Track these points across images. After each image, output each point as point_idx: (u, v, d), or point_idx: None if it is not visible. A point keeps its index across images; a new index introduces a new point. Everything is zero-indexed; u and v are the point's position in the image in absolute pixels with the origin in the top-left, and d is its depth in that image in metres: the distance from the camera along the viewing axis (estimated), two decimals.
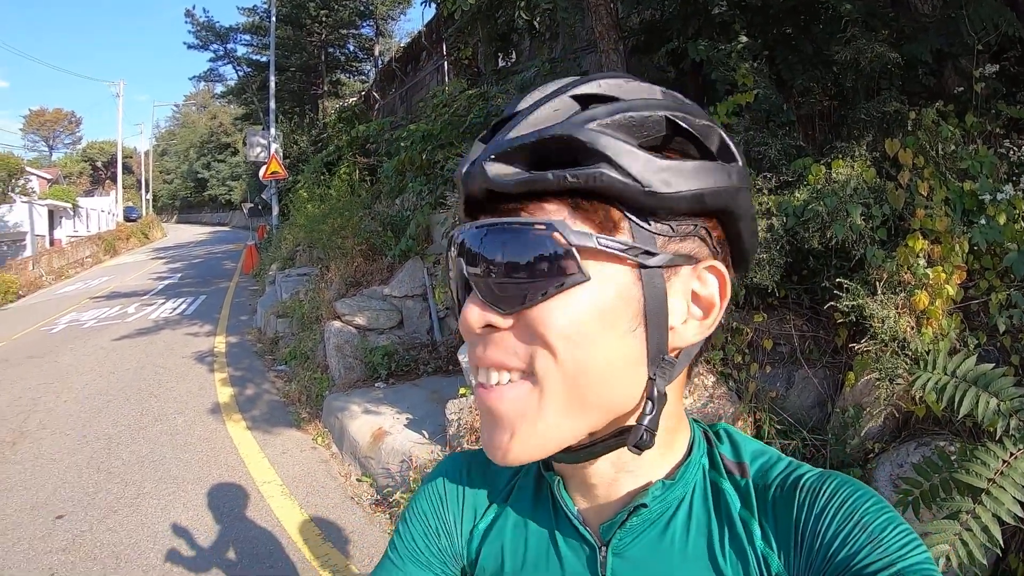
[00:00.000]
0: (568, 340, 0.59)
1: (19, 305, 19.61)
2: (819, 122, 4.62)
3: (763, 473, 0.72)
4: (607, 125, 0.58)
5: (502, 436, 0.61)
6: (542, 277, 0.58)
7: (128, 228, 42.10)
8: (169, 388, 8.25)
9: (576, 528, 0.74)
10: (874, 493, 0.66)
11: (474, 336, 0.63)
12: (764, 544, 0.68)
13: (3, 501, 5.22)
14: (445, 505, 0.85)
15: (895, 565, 0.58)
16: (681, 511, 0.71)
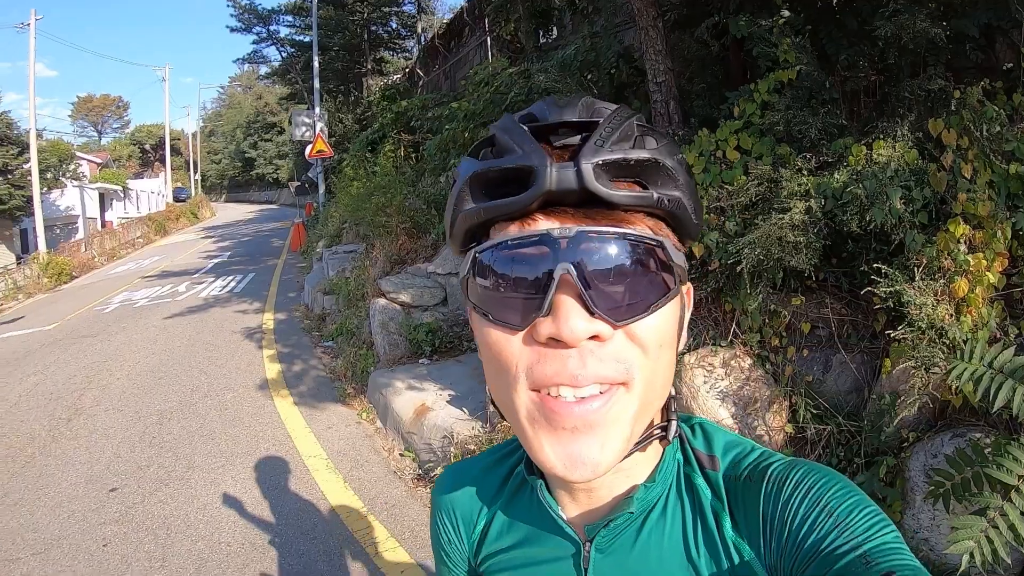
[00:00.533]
0: (661, 347, 0.64)
1: (73, 286, 20.23)
2: (864, 98, 4.52)
3: (734, 465, 0.75)
4: (679, 160, 0.65)
5: (590, 449, 0.61)
6: (652, 289, 0.62)
7: (177, 208, 42.87)
8: (219, 365, 8.48)
9: (562, 528, 0.78)
10: (841, 478, 0.68)
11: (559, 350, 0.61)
12: (735, 534, 0.71)
13: (59, 475, 5.47)
14: (449, 519, 0.93)
15: (862, 547, 0.60)
16: (658, 507, 0.75)
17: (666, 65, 5.03)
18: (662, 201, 0.62)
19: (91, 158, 46.80)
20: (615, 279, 0.60)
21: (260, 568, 3.90)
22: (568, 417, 0.60)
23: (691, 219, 0.66)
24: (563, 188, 0.59)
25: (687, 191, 0.65)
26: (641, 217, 0.63)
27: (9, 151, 28.75)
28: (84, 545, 4.33)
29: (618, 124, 0.63)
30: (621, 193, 0.60)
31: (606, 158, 0.60)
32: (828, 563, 0.61)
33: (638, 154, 0.61)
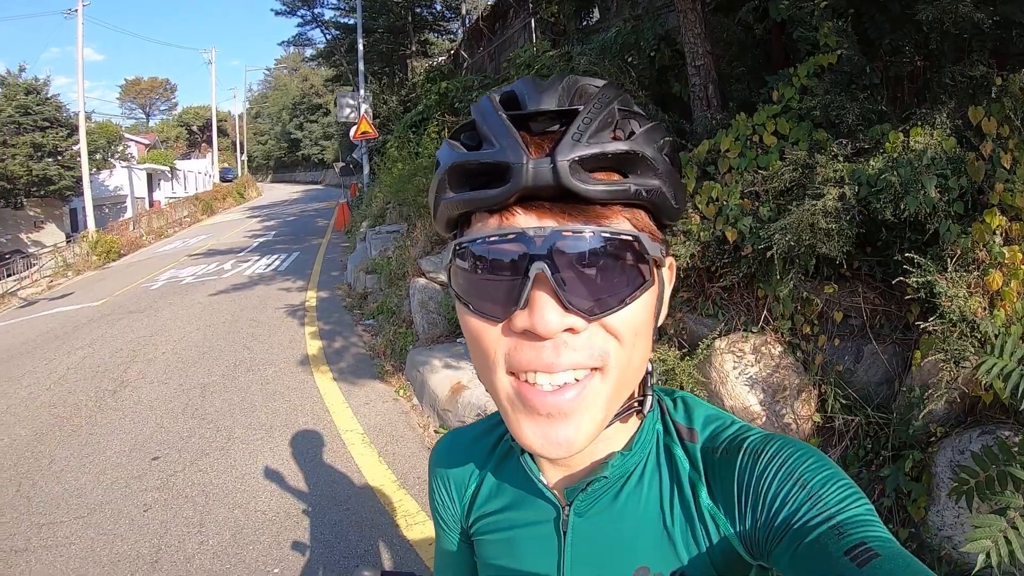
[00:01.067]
0: (636, 335, 0.66)
1: (120, 264, 20.77)
2: (908, 85, 4.44)
3: (713, 437, 0.78)
4: (660, 147, 0.66)
5: (566, 431, 0.64)
6: (628, 284, 0.64)
7: (224, 188, 43.59)
8: (261, 340, 8.67)
9: (542, 492, 0.83)
10: (815, 452, 0.70)
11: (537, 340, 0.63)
12: (711, 503, 0.74)
13: (104, 443, 5.69)
14: (443, 484, 0.99)
15: (834, 518, 0.62)
16: (636, 474, 0.79)
17: (705, 48, 4.99)
18: (640, 192, 0.63)
19: (139, 139, 47.86)
20: (589, 275, 0.62)
21: (293, 536, 4.01)
22: (543, 405, 0.64)
23: (671, 204, 0.67)
24: (539, 184, 0.60)
25: (667, 178, 0.66)
26: (619, 208, 0.64)
27: (59, 133, 29.50)
28: (126, 510, 4.51)
29: (597, 112, 0.63)
30: (597, 188, 0.61)
31: (582, 153, 0.60)
32: (801, 534, 0.63)
33: (616, 147, 0.62)
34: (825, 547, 0.60)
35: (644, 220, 0.67)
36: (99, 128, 36.64)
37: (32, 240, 30.94)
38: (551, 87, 0.67)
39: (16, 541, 4.25)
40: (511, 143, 0.62)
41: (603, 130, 0.63)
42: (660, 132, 0.67)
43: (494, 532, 0.90)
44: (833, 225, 3.28)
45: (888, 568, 0.55)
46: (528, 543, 0.85)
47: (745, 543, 0.71)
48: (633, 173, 0.64)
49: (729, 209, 3.83)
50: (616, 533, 0.78)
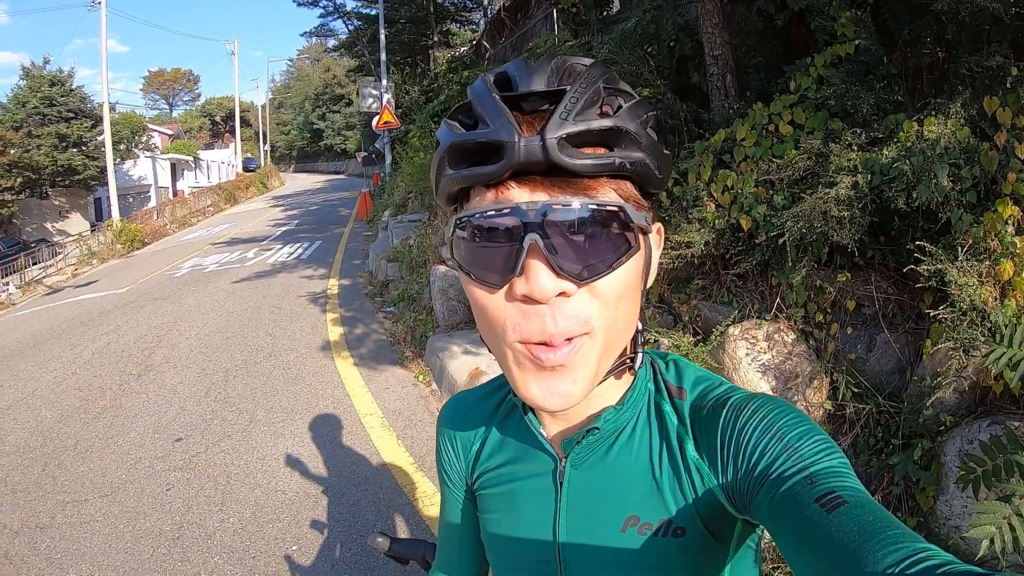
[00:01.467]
0: (621, 299, 0.71)
1: (145, 252, 21.03)
2: (926, 75, 4.43)
3: (701, 396, 0.83)
4: (644, 122, 0.71)
5: (564, 384, 0.70)
6: (612, 251, 0.68)
7: (247, 178, 43.75)
8: (283, 327, 8.78)
9: (542, 444, 0.89)
10: (794, 409, 0.75)
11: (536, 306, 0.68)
12: (696, 456, 0.79)
13: (128, 425, 5.82)
14: (450, 442, 1.05)
15: (807, 469, 0.66)
16: (628, 429, 0.85)
17: (723, 38, 5.00)
18: (624, 164, 0.68)
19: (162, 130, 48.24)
20: (578, 243, 0.67)
21: (312, 515, 4.10)
22: (547, 361, 0.69)
23: (655, 175, 0.71)
24: (530, 160, 0.65)
25: (651, 151, 0.70)
26: (606, 180, 0.69)
27: (83, 124, 29.96)
28: (148, 489, 4.62)
29: (584, 91, 0.67)
30: (585, 162, 0.66)
31: (570, 131, 0.65)
32: (777, 484, 0.67)
33: (601, 124, 0.67)
34: (798, 495, 0.64)
35: (630, 190, 0.71)
36: (123, 119, 37.02)
37: (57, 229, 31.41)
38: (540, 68, 0.70)
39: (41, 518, 4.37)
40: (504, 123, 0.66)
41: (590, 107, 0.67)
42: (644, 108, 0.71)
43: (496, 486, 0.96)
44: (845, 213, 3.30)
45: (855, 514, 0.58)
46: (527, 494, 0.91)
47: (728, 494, 0.75)
48: (618, 147, 0.69)
49: (744, 197, 3.85)
50: (609, 484, 0.84)
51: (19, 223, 30.24)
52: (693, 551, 0.79)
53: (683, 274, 4.40)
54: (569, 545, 0.86)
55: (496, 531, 0.96)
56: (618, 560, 0.82)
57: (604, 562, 0.83)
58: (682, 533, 0.79)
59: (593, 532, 0.84)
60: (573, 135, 0.65)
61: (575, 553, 0.86)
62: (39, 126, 28.82)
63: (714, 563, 0.81)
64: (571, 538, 0.86)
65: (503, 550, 0.95)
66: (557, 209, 0.66)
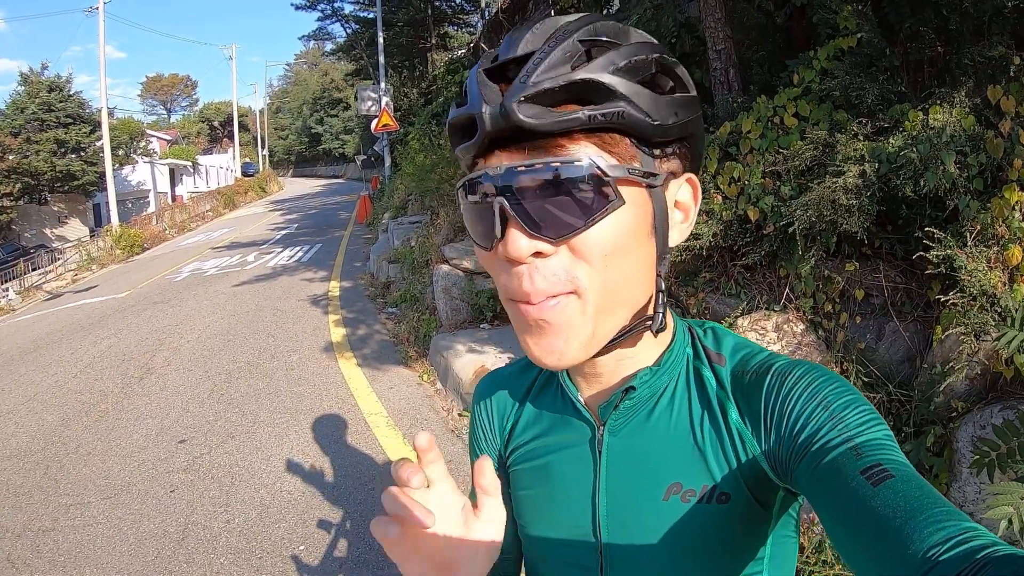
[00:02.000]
0: (608, 256, 0.68)
1: (144, 257, 21.07)
2: (928, 68, 4.43)
3: (743, 362, 0.81)
4: (621, 69, 0.67)
5: (556, 342, 0.69)
6: (588, 206, 0.66)
7: (246, 183, 43.90)
8: (285, 329, 8.77)
9: (579, 411, 0.87)
10: (839, 377, 0.73)
11: (515, 266, 0.69)
12: (740, 421, 0.77)
13: (131, 428, 5.81)
14: (485, 417, 1.03)
15: (853, 440, 0.64)
16: (666, 394, 0.82)
17: (725, 33, 5.01)
18: (595, 118, 0.65)
19: (161, 135, 48.21)
20: (545, 203, 0.66)
21: (319, 515, 4.08)
22: (529, 315, 0.69)
23: (645, 122, 0.68)
24: (497, 127, 0.66)
25: (634, 100, 0.67)
26: (580, 135, 0.67)
27: (82, 129, 29.93)
28: (152, 491, 4.60)
29: (550, 50, 0.66)
30: (545, 120, 0.64)
31: (528, 93, 0.64)
32: (821, 453, 0.65)
33: (562, 79, 0.65)
34: (843, 466, 0.62)
35: (619, 142, 0.69)
36: (121, 124, 36.93)
37: (56, 235, 31.41)
38: (520, 35, 0.70)
39: (44, 521, 4.36)
40: (475, 95, 0.68)
41: (560, 65, 0.66)
42: (625, 54, 0.68)
43: (530, 460, 0.94)
44: (854, 201, 3.30)
45: (901, 489, 0.57)
46: (564, 465, 0.89)
47: (770, 461, 0.74)
48: (592, 100, 0.66)
49: (751, 188, 3.85)
50: (649, 450, 0.82)
51: (18, 229, 30.26)
52: (737, 518, 0.77)
53: (691, 267, 4.39)
54: (610, 515, 0.84)
55: (531, 507, 0.93)
56: (661, 529, 0.80)
57: (646, 532, 0.81)
58: (727, 499, 0.77)
59: (635, 501, 0.82)
60: (532, 96, 0.64)
61: (616, 523, 0.84)
62: (38, 132, 28.80)
63: (757, 532, 0.79)
64: (611, 508, 0.84)
65: (538, 526, 0.92)
66: (520, 171, 0.66)
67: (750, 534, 0.79)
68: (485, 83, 0.68)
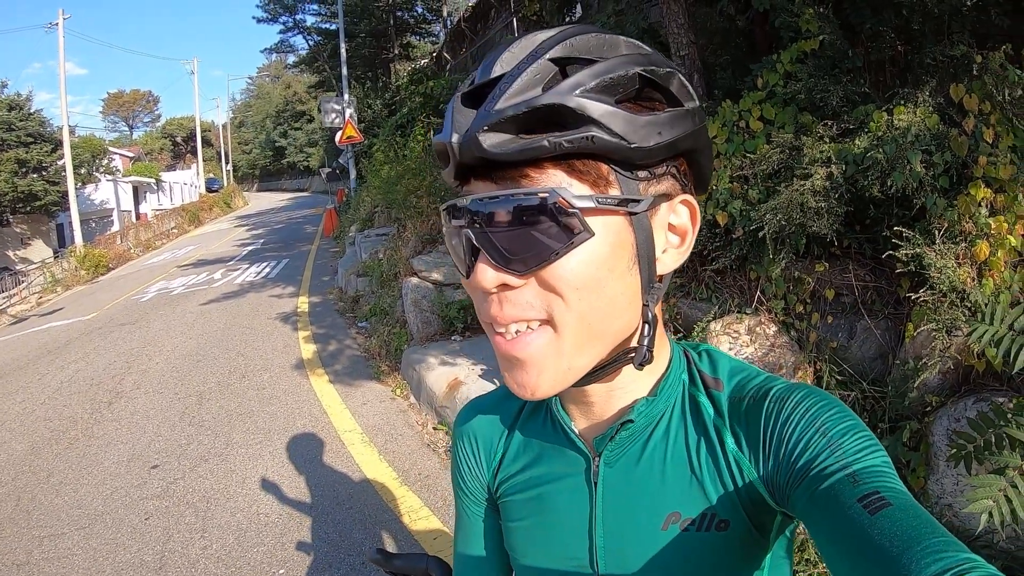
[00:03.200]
0: (579, 290, 0.65)
1: (110, 277, 20.79)
2: (889, 68, 4.49)
3: (739, 387, 0.79)
4: (590, 90, 0.62)
5: (529, 376, 0.68)
6: (552, 239, 0.63)
7: (210, 199, 43.64)
8: (255, 347, 8.67)
9: (573, 442, 0.85)
10: (838, 402, 0.72)
11: (487, 295, 0.68)
12: (736, 448, 0.76)
13: (103, 455, 5.68)
14: (469, 450, 1.00)
15: (850, 467, 0.63)
16: (663, 423, 0.81)
17: (688, 38, 5.04)
18: (559, 144, 0.62)
19: (123, 152, 47.80)
20: (512, 235, 0.64)
21: (297, 537, 4.02)
22: (506, 349, 0.68)
23: (621, 146, 0.64)
24: (464, 157, 0.65)
25: (605, 123, 0.63)
26: (550, 164, 0.64)
27: (43, 148, 29.43)
28: (127, 519, 4.50)
29: (518, 73, 0.63)
30: (508, 149, 0.62)
31: (491, 121, 0.62)
32: (818, 480, 0.65)
33: (525, 106, 0.62)
34: (840, 493, 0.62)
35: (593, 169, 0.65)
36: (83, 142, 36.52)
37: (20, 257, 30.86)
38: (499, 55, 0.67)
39: (17, 555, 4.23)
40: (448, 122, 0.66)
41: (528, 89, 0.63)
42: (597, 73, 0.64)
43: (522, 491, 0.91)
44: (822, 203, 3.33)
45: (899, 517, 0.57)
46: (558, 496, 0.87)
47: (768, 486, 0.73)
48: (563, 126, 0.63)
49: (719, 193, 3.87)
50: (646, 481, 0.80)
51: None
52: (736, 543, 0.77)
53: None
54: (607, 547, 0.83)
55: (524, 540, 0.91)
56: (660, 559, 0.79)
57: (645, 563, 0.80)
58: (726, 526, 0.76)
59: (633, 532, 0.81)
60: (495, 124, 0.62)
61: (614, 555, 0.83)
62: None
63: (755, 556, 0.79)
64: (609, 540, 0.83)
65: (533, 560, 0.91)
66: (484, 202, 0.65)
67: (749, 559, 0.79)
68: (460, 109, 0.66)
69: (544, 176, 0.64)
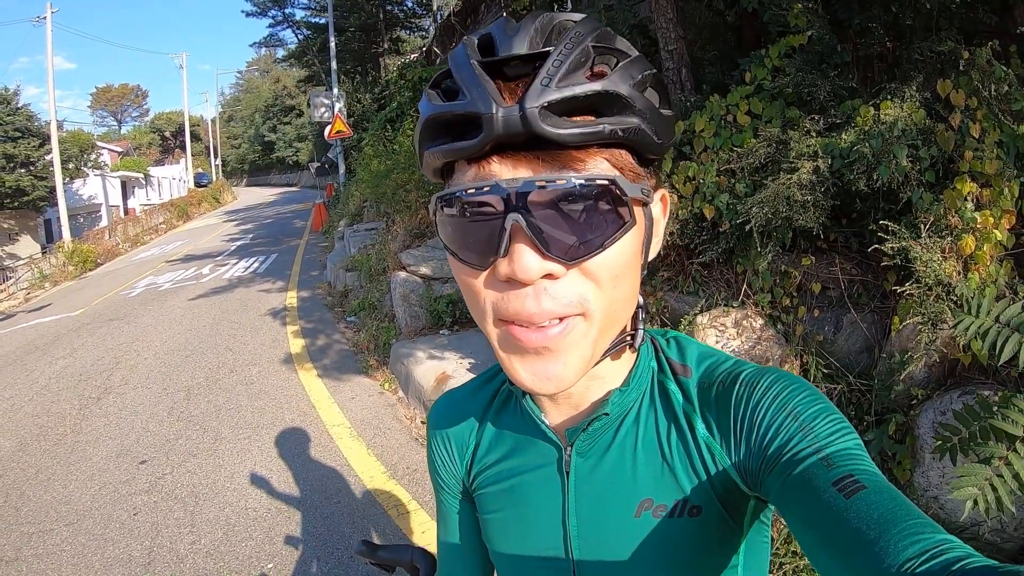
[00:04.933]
0: (617, 278, 0.66)
1: (98, 273, 20.66)
2: (877, 64, 4.50)
3: (708, 372, 0.80)
4: (640, 82, 0.64)
5: (555, 367, 0.66)
6: (604, 227, 0.63)
7: (199, 193, 43.40)
8: (244, 342, 8.65)
9: (544, 433, 0.84)
10: (808, 386, 0.72)
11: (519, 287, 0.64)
12: (707, 434, 0.76)
13: (90, 450, 5.66)
14: (442, 445, 1.00)
15: (823, 450, 0.64)
16: (633, 411, 0.81)
17: (677, 33, 5.04)
18: (615, 132, 0.62)
19: (112, 147, 47.45)
20: (564, 222, 0.62)
21: (286, 531, 4.02)
22: (531, 343, 0.65)
23: (653, 140, 0.65)
24: (510, 132, 0.60)
25: (646, 115, 0.64)
26: (596, 150, 0.63)
27: (30, 143, 29.25)
28: (115, 515, 4.49)
29: (568, 52, 0.62)
30: (570, 132, 0.60)
31: (552, 98, 0.59)
32: (791, 464, 0.65)
33: (585, 88, 0.61)
34: (814, 477, 0.62)
35: (625, 159, 0.66)
36: (71, 137, 36.23)
37: (7, 253, 30.66)
38: (524, 28, 0.65)
39: (6, 551, 4.22)
40: (481, 93, 0.61)
41: (576, 71, 0.62)
42: (638, 67, 0.65)
43: (496, 483, 0.91)
44: (809, 197, 3.34)
45: (874, 500, 0.57)
46: (531, 487, 0.87)
47: (740, 473, 0.73)
48: (608, 113, 0.63)
49: (706, 187, 3.88)
50: (618, 470, 0.80)
51: None
52: (710, 529, 0.77)
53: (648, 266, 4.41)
54: (581, 535, 0.83)
55: (500, 530, 0.91)
56: (634, 545, 0.79)
57: (619, 549, 0.80)
58: (698, 512, 0.76)
59: (606, 521, 0.81)
60: (556, 103, 0.60)
61: (587, 543, 0.83)
62: None
63: (729, 541, 0.79)
64: (583, 529, 0.83)
65: (509, 549, 0.91)
66: (541, 186, 0.61)
67: (723, 544, 0.79)
68: (486, 79, 0.62)
69: (592, 162, 0.63)
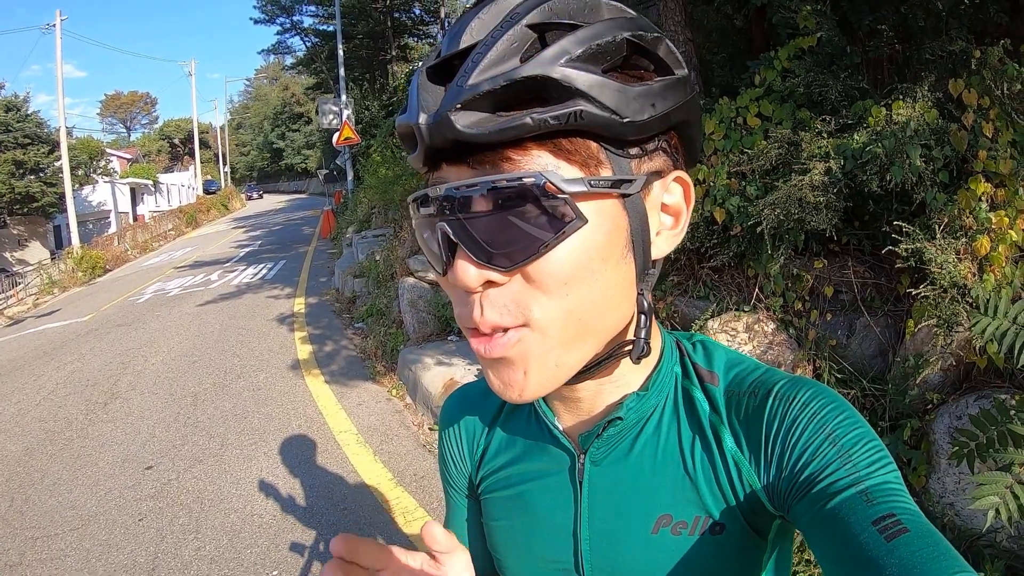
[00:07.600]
0: (569, 284, 0.58)
1: (106, 279, 20.78)
2: (887, 65, 4.47)
3: (738, 381, 0.73)
4: (576, 59, 0.55)
5: (515, 375, 0.62)
6: (541, 229, 0.56)
7: (208, 200, 43.67)
8: (251, 347, 8.65)
9: (556, 438, 0.79)
10: (846, 404, 0.66)
11: (468, 295, 0.61)
12: (735, 448, 0.70)
13: (96, 455, 5.65)
14: (453, 441, 0.95)
15: (863, 482, 0.58)
16: (654, 418, 0.75)
17: (686, 36, 5.02)
18: (545, 122, 0.54)
19: (121, 154, 47.83)
20: (498, 227, 0.57)
21: (291, 538, 3.99)
22: (482, 352, 0.61)
23: (613, 121, 0.57)
24: (437, 142, 0.57)
25: (595, 96, 0.55)
26: (533, 144, 0.56)
27: (40, 150, 29.40)
28: (120, 520, 4.47)
29: (493, 41, 0.55)
30: (487, 130, 0.54)
31: (465, 98, 0.54)
32: (826, 495, 0.60)
33: (504, 79, 0.54)
34: (852, 513, 0.57)
35: (582, 149, 0.58)
36: (81, 144, 36.53)
37: (16, 258, 30.82)
38: (467, 20, 0.59)
39: (11, 556, 4.20)
40: (413, 103, 0.58)
41: (505, 60, 0.55)
42: (583, 39, 0.56)
43: (503, 488, 0.87)
44: (821, 198, 3.30)
45: (917, 546, 0.52)
46: (541, 495, 0.82)
47: (768, 492, 0.68)
48: (548, 100, 0.55)
49: (716, 190, 3.84)
50: (635, 481, 0.75)
51: None
52: (733, 548, 0.71)
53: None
54: (594, 551, 0.78)
55: (506, 539, 0.86)
56: (650, 564, 0.74)
57: (635, 568, 0.75)
58: (721, 530, 0.71)
59: (621, 535, 0.76)
60: (470, 101, 0.54)
61: (601, 559, 0.77)
62: None
63: (754, 560, 0.73)
64: (596, 543, 0.78)
65: (514, 561, 0.86)
66: (460, 191, 0.57)
67: (746, 564, 0.73)
68: (426, 86, 0.58)
69: (528, 158, 0.56)
